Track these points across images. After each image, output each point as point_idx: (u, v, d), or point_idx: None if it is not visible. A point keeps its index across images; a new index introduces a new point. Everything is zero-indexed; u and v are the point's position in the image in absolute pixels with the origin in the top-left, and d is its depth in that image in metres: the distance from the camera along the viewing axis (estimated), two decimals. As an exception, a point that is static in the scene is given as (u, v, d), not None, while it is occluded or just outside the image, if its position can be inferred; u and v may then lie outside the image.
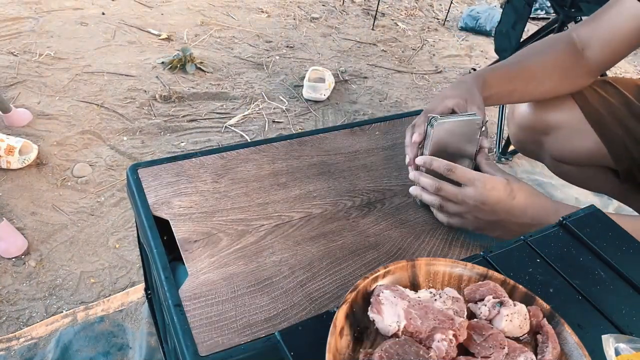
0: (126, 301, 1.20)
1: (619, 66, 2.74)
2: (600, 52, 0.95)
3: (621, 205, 1.64)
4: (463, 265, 0.60)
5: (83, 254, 1.31)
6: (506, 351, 0.51)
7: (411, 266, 0.60)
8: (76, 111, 1.76)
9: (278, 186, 0.87)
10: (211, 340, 0.62)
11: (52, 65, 1.97)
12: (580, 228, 0.70)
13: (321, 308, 0.68)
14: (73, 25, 2.24)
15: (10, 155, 1.46)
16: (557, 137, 1.06)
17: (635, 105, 0.99)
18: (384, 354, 0.48)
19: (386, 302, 0.53)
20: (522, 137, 1.14)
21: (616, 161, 1.02)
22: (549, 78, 0.98)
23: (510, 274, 0.63)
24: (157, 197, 0.82)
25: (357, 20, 2.74)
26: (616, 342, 0.52)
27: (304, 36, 2.48)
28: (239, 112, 1.89)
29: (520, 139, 1.16)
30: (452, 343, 0.50)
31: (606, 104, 1.01)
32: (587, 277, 0.64)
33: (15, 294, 1.20)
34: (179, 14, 2.48)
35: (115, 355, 1.10)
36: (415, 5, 3.02)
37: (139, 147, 1.66)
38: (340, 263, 0.75)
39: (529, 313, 0.55)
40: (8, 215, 1.37)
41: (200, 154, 0.91)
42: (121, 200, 1.46)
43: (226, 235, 0.77)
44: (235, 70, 2.12)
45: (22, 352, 1.08)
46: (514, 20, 1.85)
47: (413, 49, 2.55)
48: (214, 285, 0.69)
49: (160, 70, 2.04)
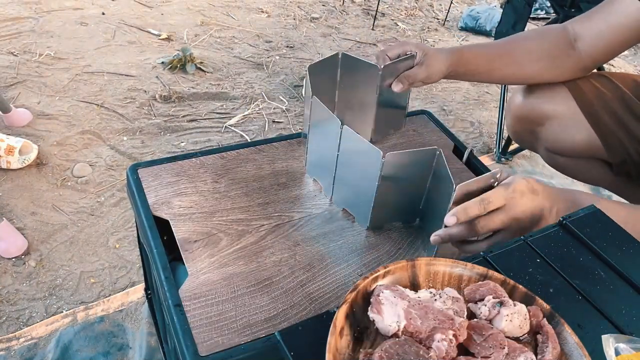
0: (126, 301, 1.20)
1: (618, 66, 2.74)
2: (592, 45, 0.97)
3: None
4: (463, 265, 0.60)
5: (83, 254, 1.31)
6: (506, 351, 0.51)
7: (411, 266, 0.60)
8: (76, 111, 1.76)
9: (278, 186, 0.87)
10: (211, 340, 0.62)
11: (52, 65, 1.97)
12: (580, 228, 0.70)
13: (321, 308, 0.68)
14: (73, 25, 2.24)
15: (10, 155, 1.46)
16: (552, 128, 1.07)
17: (630, 99, 1.00)
18: (384, 354, 0.48)
19: (386, 302, 0.53)
20: (518, 127, 1.15)
21: (610, 154, 1.03)
22: (532, 63, 1.00)
23: (510, 274, 0.63)
24: (157, 197, 0.82)
25: (357, 20, 2.74)
26: (616, 342, 0.52)
27: (304, 36, 2.48)
28: (239, 112, 1.89)
29: (516, 130, 1.16)
30: (452, 343, 0.50)
31: (601, 97, 1.01)
32: (587, 277, 0.64)
33: (15, 294, 1.20)
34: (179, 14, 2.48)
35: (115, 355, 1.10)
36: (415, 5, 3.02)
37: (139, 147, 1.66)
38: (340, 263, 0.75)
39: (529, 313, 0.55)
40: (8, 215, 1.37)
41: (200, 154, 0.91)
42: (121, 200, 1.46)
43: (226, 235, 0.77)
44: (235, 70, 2.12)
45: (22, 352, 1.08)
46: (514, 21, 1.85)
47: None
48: (214, 285, 0.69)
49: (160, 70, 2.04)
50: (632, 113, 0.99)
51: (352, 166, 0.77)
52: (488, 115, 2.14)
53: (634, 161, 1.01)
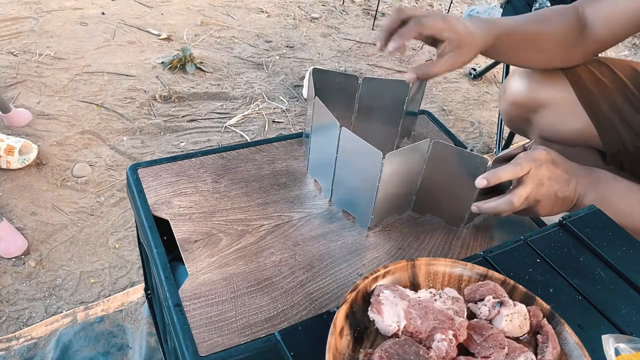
0: (126, 301, 1.20)
1: (618, 66, 2.74)
2: (599, 31, 0.94)
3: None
4: (463, 265, 0.60)
5: (83, 254, 1.31)
6: (506, 351, 0.51)
7: (411, 266, 0.60)
8: (76, 111, 1.76)
9: (278, 186, 0.87)
10: (211, 340, 0.62)
11: (52, 65, 1.97)
12: (580, 228, 0.70)
13: (321, 308, 0.68)
14: (73, 25, 2.24)
15: (10, 155, 1.46)
16: (547, 115, 1.05)
17: (629, 88, 0.98)
18: (384, 354, 0.48)
19: (386, 302, 0.53)
20: (513, 114, 1.13)
21: (605, 144, 1.01)
22: (552, 52, 0.97)
23: (510, 274, 0.63)
24: (157, 197, 0.82)
25: (357, 20, 2.74)
26: (616, 342, 0.52)
27: (304, 36, 2.48)
28: (238, 112, 1.89)
29: (511, 116, 1.15)
30: (452, 343, 0.50)
31: (600, 86, 1.00)
32: (587, 277, 0.64)
33: (15, 294, 1.20)
34: (178, 13, 2.48)
35: (115, 355, 1.10)
36: (415, 5, 3.02)
37: (139, 147, 1.66)
38: (340, 263, 0.75)
39: (529, 313, 0.55)
40: (8, 215, 1.37)
41: (200, 154, 0.91)
42: (121, 200, 1.46)
43: (226, 235, 0.77)
44: (235, 70, 2.12)
45: (21, 352, 1.08)
46: (514, 20, 1.85)
47: (413, 49, 2.55)
48: (214, 285, 0.69)
49: (160, 70, 2.04)
50: (631, 103, 0.98)
51: (352, 168, 0.77)
52: (488, 115, 2.15)
53: (629, 152, 1.00)
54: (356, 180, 0.78)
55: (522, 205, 0.75)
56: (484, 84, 2.36)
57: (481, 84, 2.35)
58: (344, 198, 0.83)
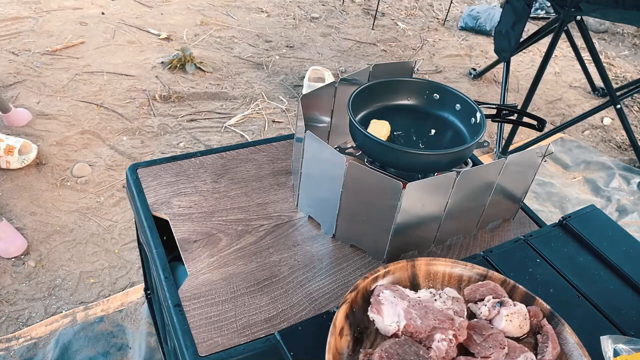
0: (126, 301, 1.19)
1: (619, 65, 2.74)
2: None
3: (620, 204, 1.64)
4: (463, 265, 0.60)
5: (82, 254, 1.31)
6: (506, 351, 0.51)
7: (411, 266, 0.60)
8: (76, 111, 1.76)
9: (278, 186, 0.87)
10: (210, 340, 0.62)
11: (51, 65, 1.97)
12: (580, 228, 0.70)
13: (321, 308, 0.68)
14: (73, 25, 2.24)
15: (9, 155, 1.46)
16: None
17: None
18: (384, 354, 0.48)
19: (386, 302, 0.53)
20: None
21: None
22: None
23: (510, 274, 0.63)
24: (157, 197, 0.82)
25: (357, 20, 2.74)
26: (615, 343, 0.52)
27: (304, 36, 2.48)
28: (238, 112, 1.89)
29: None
30: (452, 343, 0.50)
31: None
32: (587, 277, 0.64)
33: (15, 294, 1.20)
34: (178, 13, 2.48)
35: (115, 355, 1.09)
36: (415, 5, 3.02)
37: (139, 147, 1.66)
38: (340, 263, 0.75)
39: (529, 313, 0.55)
40: (7, 215, 1.37)
41: (200, 154, 0.91)
42: (121, 200, 1.46)
43: (226, 235, 0.77)
44: (235, 70, 2.12)
45: (21, 352, 1.08)
46: (513, 21, 1.85)
47: (413, 48, 2.55)
48: (214, 286, 0.69)
49: (160, 70, 2.04)
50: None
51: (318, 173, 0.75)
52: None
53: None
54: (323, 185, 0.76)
55: None
56: (484, 84, 2.35)
57: (481, 84, 2.35)
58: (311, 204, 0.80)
